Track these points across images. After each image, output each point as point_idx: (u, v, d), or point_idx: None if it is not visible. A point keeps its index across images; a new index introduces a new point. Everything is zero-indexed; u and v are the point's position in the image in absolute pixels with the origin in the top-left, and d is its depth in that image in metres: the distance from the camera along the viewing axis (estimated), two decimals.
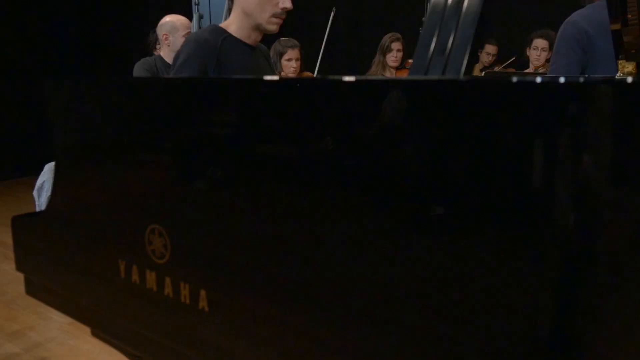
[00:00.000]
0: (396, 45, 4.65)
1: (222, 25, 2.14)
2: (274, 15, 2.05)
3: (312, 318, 0.84)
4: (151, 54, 5.33)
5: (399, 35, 4.70)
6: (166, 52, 3.58)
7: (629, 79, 0.52)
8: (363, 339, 0.78)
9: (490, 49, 5.59)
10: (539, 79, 0.55)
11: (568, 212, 0.59)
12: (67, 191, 1.26)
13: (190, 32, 3.54)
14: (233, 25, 2.11)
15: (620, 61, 2.42)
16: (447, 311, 0.69)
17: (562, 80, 0.51)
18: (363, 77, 0.78)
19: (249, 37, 2.12)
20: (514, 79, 0.58)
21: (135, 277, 1.06)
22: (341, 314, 0.81)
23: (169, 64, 3.54)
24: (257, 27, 2.10)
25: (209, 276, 0.95)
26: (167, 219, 1.01)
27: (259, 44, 2.22)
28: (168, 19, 3.56)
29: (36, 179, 3.62)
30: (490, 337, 0.65)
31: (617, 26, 2.34)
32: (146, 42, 5.36)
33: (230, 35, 2.09)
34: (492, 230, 0.65)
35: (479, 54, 5.70)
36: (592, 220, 0.62)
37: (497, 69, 5.67)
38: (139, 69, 3.42)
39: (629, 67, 2.41)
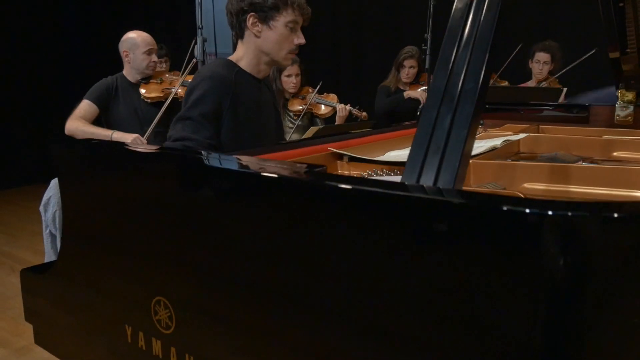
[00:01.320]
0: (409, 63, 4.60)
1: (232, 58, 2.15)
2: (290, 52, 2.10)
3: None
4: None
5: (413, 52, 4.58)
6: (128, 70, 3.44)
7: (615, 215, 0.54)
8: None
9: None
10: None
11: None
12: (73, 253, 1.29)
13: (152, 48, 3.40)
14: (243, 60, 2.13)
15: (621, 90, 2.44)
16: None
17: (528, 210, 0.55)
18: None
19: (259, 72, 2.15)
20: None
21: (141, 343, 1.08)
22: None
23: (130, 82, 3.44)
24: (273, 63, 2.15)
25: (213, 350, 0.97)
26: (173, 292, 1.03)
27: None
28: (131, 34, 3.41)
29: (43, 188, 3.61)
30: None
31: (615, 54, 2.36)
32: None
33: (240, 69, 2.10)
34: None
35: None
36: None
37: (492, 81, 5.67)
38: (95, 90, 3.31)
39: (629, 95, 2.43)
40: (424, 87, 4.57)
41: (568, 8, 5.00)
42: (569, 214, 0.54)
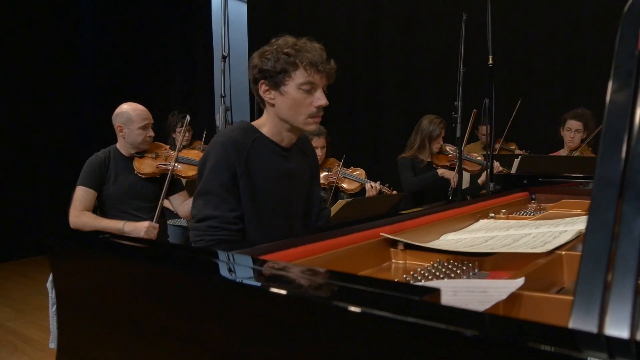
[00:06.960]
0: (443, 132, 4.38)
1: (255, 123, 1.96)
2: (310, 116, 1.87)
3: None
4: (170, 138, 5.22)
5: (443, 121, 4.35)
6: (122, 144, 3.21)
7: None
8: None
9: (483, 129, 5.41)
10: None
11: None
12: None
13: (148, 123, 3.18)
14: (266, 126, 1.94)
15: None
16: None
17: None
18: None
19: (283, 139, 1.94)
20: None
21: None
22: None
23: (124, 155, 3.21)
24: (295, 130, 1.93)
25: None
26: None
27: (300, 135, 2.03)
28: (125, 107, 3.18)
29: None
30: None
31: None
32: (165, 125, 5.29)
33: (261, 135, 1.92)
34: None
35: (476, 133, 5.49)
36: None
37: (497, 145, 5.40)
38: (87, 173, 3.07)
39: None
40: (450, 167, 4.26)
41: (599, 74, 4.83)
42: None
